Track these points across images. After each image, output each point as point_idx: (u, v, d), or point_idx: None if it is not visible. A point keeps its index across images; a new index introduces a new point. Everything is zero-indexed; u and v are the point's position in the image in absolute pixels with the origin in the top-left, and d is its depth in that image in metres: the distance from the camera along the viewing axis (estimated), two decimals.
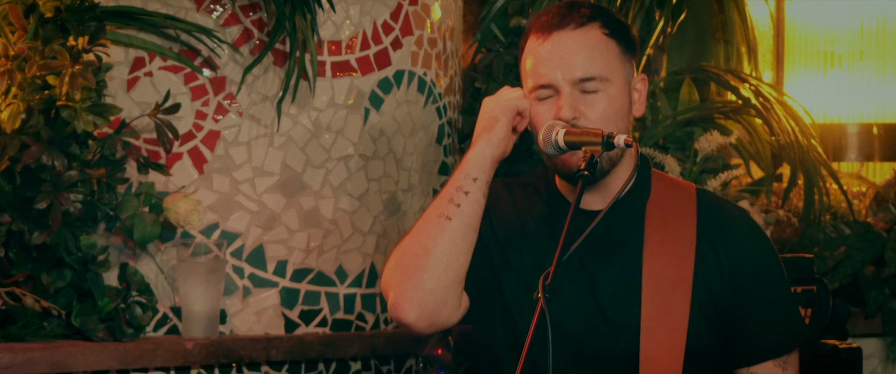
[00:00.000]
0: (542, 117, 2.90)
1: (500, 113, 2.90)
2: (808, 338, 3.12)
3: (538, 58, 2.91)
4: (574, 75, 2.88)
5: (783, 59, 4.94)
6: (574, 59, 2.89)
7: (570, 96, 2.87)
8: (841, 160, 4.86)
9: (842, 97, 4.86)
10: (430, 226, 2.85)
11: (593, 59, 2.90)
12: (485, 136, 2.89)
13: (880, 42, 4.89)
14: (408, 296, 2.82)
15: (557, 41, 2.90)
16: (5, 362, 3.39)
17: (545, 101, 2.90)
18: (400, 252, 2.87)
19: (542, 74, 2.90)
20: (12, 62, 3.45)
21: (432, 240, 2.84)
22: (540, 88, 2.90)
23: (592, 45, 2.90)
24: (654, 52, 4.51)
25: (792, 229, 4.46)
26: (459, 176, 2.87)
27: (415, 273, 2.83)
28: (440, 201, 2.87)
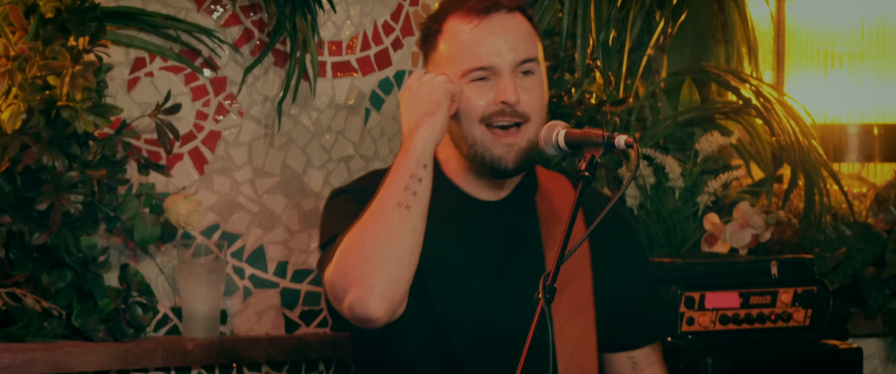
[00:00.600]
0: (475, 102, 2.88)
1: (441, 97, 2.85)
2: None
3: (473, 40, 2.88)
4: (515, 57, 2.89)
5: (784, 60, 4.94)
6: (514, 40, 2.89)
7: (512, 79, 2.87)
8: (841, 161, 4.86)
9: (842, 98, 4.85)
10: (390, 216, 2.77)
11: (530, 42, 2.92)
12: (428, 120, 2.83)
13: (881, 42, 4.89)
14: (376, 290, 2.74)
15: (497, 23, 2.89)
16: (6, 362, 3.39)
17: (478, 83, 2.89)
18: (358, 244, 2.77)
19: (481, 56, 2.87)
20: (13, 63, 3.45)
21: (396, 230, 2.76)
22: (477, 70, 2.88)
23: (526, 30, 2.93)
24: (654, 53, 4.51)
25: (792, 229, 4.46)
26: (410, 163, 2.81)
27: (382, 265, 2.74)
28: (394, 190, 2.79)
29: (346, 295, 2.76)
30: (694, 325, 3.77)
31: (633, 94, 4.36)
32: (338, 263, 2.78)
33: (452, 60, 2.90)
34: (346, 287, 2.76)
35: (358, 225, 2.80)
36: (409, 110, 2.87)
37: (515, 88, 2.87)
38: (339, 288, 2.78)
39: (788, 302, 3.89)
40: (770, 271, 3.89)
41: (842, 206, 4.57)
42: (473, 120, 2.89)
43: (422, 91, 2.86)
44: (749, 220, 4.21)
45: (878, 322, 4.50)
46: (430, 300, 2.91)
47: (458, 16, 2.90)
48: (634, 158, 2.78)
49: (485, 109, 2.89)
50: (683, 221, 4.23)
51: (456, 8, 2.91)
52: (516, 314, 2.92)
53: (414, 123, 2.85)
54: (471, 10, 2.89)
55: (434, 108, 2.84)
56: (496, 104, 2.88)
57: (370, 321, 2.76)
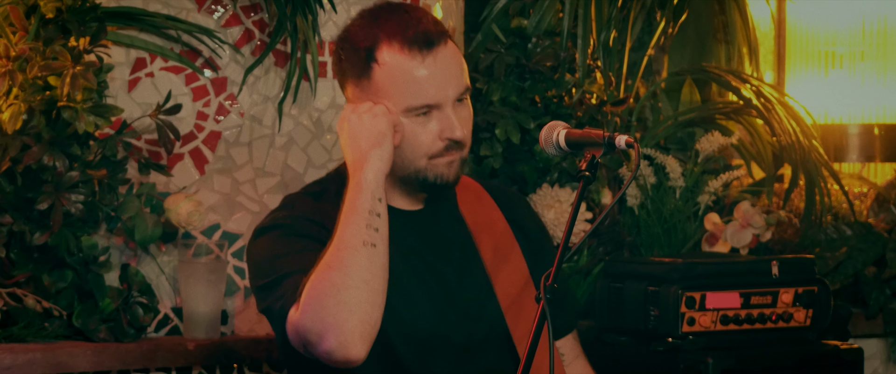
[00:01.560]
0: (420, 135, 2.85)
1: (385, 128, 2.81)
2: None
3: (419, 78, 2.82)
4: (458, 91, 2.86)
5: (784, 60, 4.94)
6: (456, 75, 2.86)
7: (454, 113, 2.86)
8: (842, 161, 4.86)
9: (843, 98, 4.85)
10: (360, 257, 2.72)
11: (463, 70, 2.90)
12: (375, 152, 2.80)
13: (881, 42, 4.89)
14: (356, 333, 2.69)
15: (440, 58, 2.84)
16: (6, 362, 3.39)
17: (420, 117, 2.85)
18: (330, 287, 2.71)
19: (429, 95, 2.83)
20: (13, 63, 3.45)
21: (367, 271, 2.72)
22: (422, 108, 2.84)
23: (458, 56, 2.90)
24: (655, 53, 4.51)
25: (793, 229, 4.46)
26: (366, 199, 2.77)
27: (359, 308, 2.70)
28: (357, 229, 2.74)
29: (323, 341, 2.70)
30: (695, 325, 3.77)
31: (634, 94, 4.36)
32: (309, 307, 2.71)
33: (391, 95, 2.84)
34: (321, 333, 2.70)
35: (323, 267, 2.73)
36: (353, 143, 2.82)
37: (459, 123, 2.86)
38: (313, 334, 2.71)
39: (789, 302, 3.89)
40: (771, 271, 3.88)
41: (842, 206, 4.57)
42: (419, 155, 2.87)
43: (362, 123, 2.82)
44: (750, 220, 4.21)
45: (878, 322, 4.51)
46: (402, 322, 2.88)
47: (397, 48, 2.83)
48: (635, 159, 2.77)
49: (430, 147, 2.87)
50: (684, 221, 4.23)
51: (390, 36, 2.84)
52: (472, 321, 2.92)
53: (360, 156, 2.81)
54: (411, 43, 2.83)
55: (380, 139, 2.81)
56: (442, 140, 2.87)
57: (351, 363, 2.73)
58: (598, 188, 4.22)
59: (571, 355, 3.13)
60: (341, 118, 2.87)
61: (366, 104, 2.85)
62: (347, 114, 2.86)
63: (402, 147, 2.87)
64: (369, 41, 2.86)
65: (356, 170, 2.80)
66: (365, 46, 2.86)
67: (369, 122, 2.82)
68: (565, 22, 4.17)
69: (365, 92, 2.87)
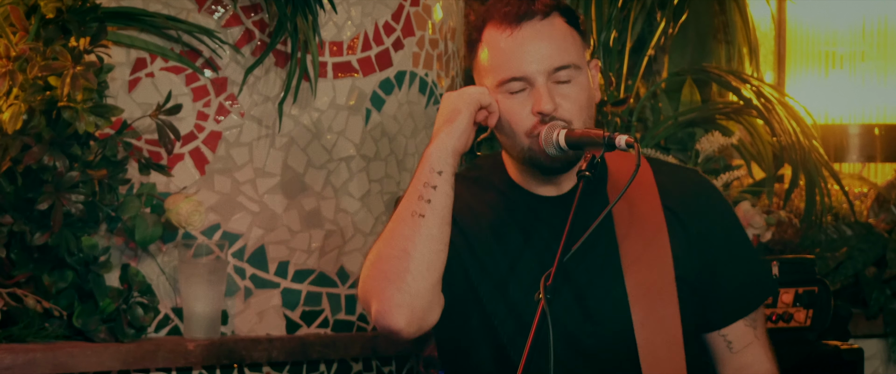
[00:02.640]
0: (516, 111, 2.84)
1: (463, 105, 2.83)
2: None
3: (506, 50, 2.84)
4: (549, 65, 2.84)
5: (784, 60, 4.94)
6: (547, 48, 2.85)
7: (546, 87, 2.83)
8: (842, 161, 4.86)
9: (843, 98, 4.86)
10: (405, 227, 2.77)
11: (564, 48, 2.86)
12: (446, 128, 2.82)
13: (882, 43, 4.89)
14: (394, 301, 2.74)
15: (528, 32, 2.84)
16: (7, 363, 3.39)
17: (517, 94, 2.84)
18: (376, 258, 2.78)
19: (513, 67, 2.83)
20: (14, 63, 3.45)
21: (409, 240, 2.76)
22: (511, 81, 2.84)
23: (562, 35, 2.87)
24: (655, 53, 4.51)
25: (793, 229, 4.46)
26: (424, 171, 2.80)
27: (398, 277, 2.74)
28: (409, 200, 2.79)
29: (370, 309, 2.78)
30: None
31: (635, 94, 4.36)
32: (363, 275, 2.80)
33: (489, 71, 2.87)
34: (368, 301, 2.78)
35: (380, 237, 2.81)
36: (438, 117, 2.87)
37: (550, 96, 2.83)
38: (364, 302, 2.80)
39: (789, 302, 3.89)
40: (771, 271, 3.88)
41: (843, 206, 4.57)
42: (519, 134, 2.86)
43: (449, 100, 2.86)
44: (750, 220, 4.21)
45: (879, 323, 4.51)
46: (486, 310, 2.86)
47: (494, 24, 2.86)
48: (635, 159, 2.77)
49: (526, 123, 2.85)
50: None
51: (492, 15, 2.88)
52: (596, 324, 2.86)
53: (435, 130, 2.84)
54: (504, 17, 2.86)
55: (453, 115, 2.83)
56: (534, 115, 2.84)
57: (394, 333, 2.76)
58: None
59: (740, 342, 2.97)
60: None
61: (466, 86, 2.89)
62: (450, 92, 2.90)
63: (504, 127, 2.87)
64: (478, 24, 2.91)
65: (430, 143, 2.84)
66: (475, 30, 2.91)
67: (454, 98, 2.86)
68: None
69: (477, 73, 2.91)
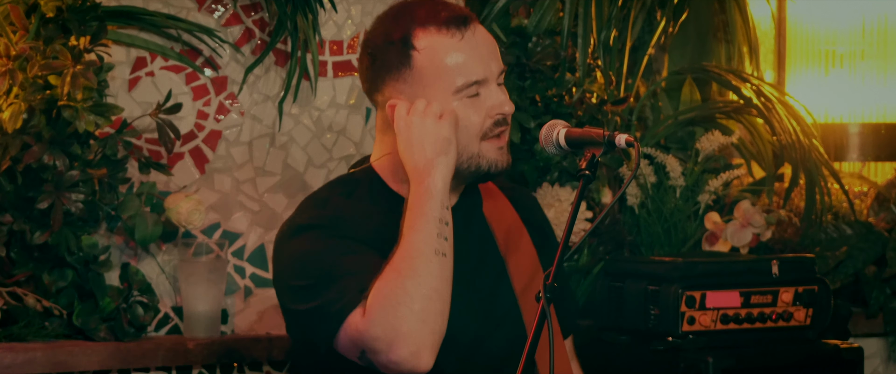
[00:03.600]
0: (471, 117, 2.82)
1: (451, 134, 2.78)
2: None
3: (463, 54, 2.80)
4: (499, 67, 2.85)
5: (785, 59, 4.93)
6: (495, 51, 2.85)
7: (499, 89, 2.83)
8: (842, 160, 4.86)
9: (843, 97, 4.85)
10: (432, 266, 2.70)
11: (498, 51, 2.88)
12: (442, 159, 2.76)
13: (882, 42, 4.88)
14: (428, 343, 2.67)
15: (475, 35, 2.82)
16: (7, 361, 3.39)
17: (470, 101, 2.82)
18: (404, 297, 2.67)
19: (474, 70, 2.80)
20: (14, 62, 3.45)
21: (439, 280, 2.70)
22: (473, 85, 2.81)
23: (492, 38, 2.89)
24: (655, 52, 4.51)
25: (793, 228, 4.46)
26: (435, 207, 2.73)
27: (432, 318, 2.68)
28: (428, 237, 2.71)
29: (393, 350, 2.67)
30: (695, 324, 3.77)
31: (634, 93, 4.36)
32: (379, 315, 2.67)
33: (437, 78, 2.80)
34: (392, 341, 2.66)
35: (394, 274, 2.69)
36: (418, 148, 2.77)
37: (507, 96, 2.84)
38: (383, 342, 2.67)
39: (789, 302, 3.89)
40: (771, 270, 3.88)
41: (843, 205, 4.57)
42: (473, 138, 2.83)
43: (426, 128, 2.78)
44: (750, 219, 4.21)
45: (879, 322, 4.50)
46: None
47: (434, 31, 2.80)
48: (635, 158, 2.77)
49: (482, 125, 2.83)
50: (684, 220, 4.23)
51: (423, 22, 2.81)
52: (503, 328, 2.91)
53: (425, 163, 2.75)
54: (447, 23, 2.80)
55: (445, 146, 2.77)
56: (492, 117, 2.83)
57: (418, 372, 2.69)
58: (599, 187, 4.22)
59: (569, 354, 3.11)
60: (398, 119, 2.81)
61: (421, 103, 2.80)
62: (406, 117, 2.80)
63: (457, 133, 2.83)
64: (401, 31, 2.82)
65: (423, 176, 2.75)
66: (399, 37, 2.82)
67: (434, 127, 2.78)
68: (566, 21, 4.17)
69: (407, 83, 2.83)
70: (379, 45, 2.85)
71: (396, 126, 2.81)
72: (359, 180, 2.92)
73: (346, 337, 2.72)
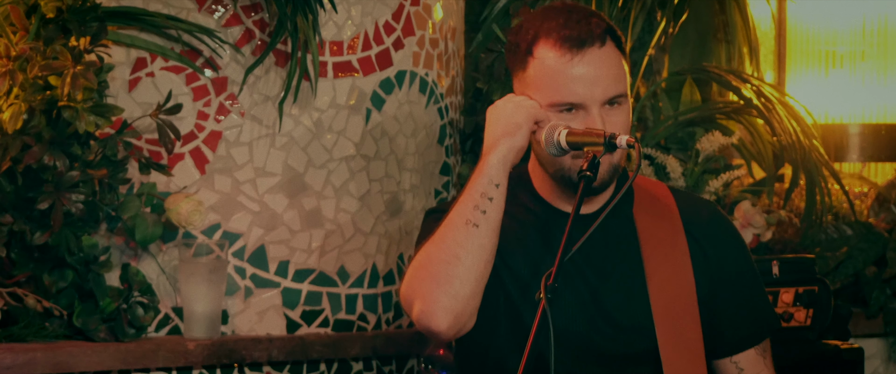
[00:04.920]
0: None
1: (523, 120, 2.85)
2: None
3: (564, 74, 2.87)
4: (604, 96, 2.87)
5: (785, 60, 4.94)
6: (605, 80, 2.88)
7: (599, 114, 2.87)
8: (842, 161, 4.86)
9: (843, 97, 4.86)
10: (458, 233, 2.81)
11: (618, 78, 2.91)
12: (506, 140, 2.85)
13: (882, 42, 4.89)
14: (440, 304, 2.79)
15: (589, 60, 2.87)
16: (7, 362, 3.39)
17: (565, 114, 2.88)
18: (426, 260, 2.83)
19: (570, 93, 2.86)
20: (14, 63, 3.45)
21: (462, 247, 2.80)
22: (566, 104, 2.87)
23: (617, 64, 2.91)
24: (655, 53, 4.51)
25: (793, 229, 4.46)
26: (483, 181, 2.84)
27: (446, 281, 2.79)
28: (465, 208, 2.83)
29: (412, 308, 2.83)
30: None
31: (635, 94, 4.36)
32: (408, 276, 2.84)
33: (540, 88, 2.89)
34: (411, 300, 2.82)
35: (430, 241, 2.85)
36: (491, 128, 2.88)
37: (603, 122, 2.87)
38: (408, 300, 2.84)
39: (790, 302, 3.89)
40: (771, 270, 3.88)
41: (843, 205, 4.57)
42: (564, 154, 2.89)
43: (505, 111, 2.88)
44: (750, 219, 4.21)
45: (879, 322, 4.51)
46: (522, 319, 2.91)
47: (551, 45, 2.88)
48: (636, 158, 2.77)
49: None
50: None
51: (548, 33, 2.89)
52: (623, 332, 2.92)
53: (492, 141, 2.86)
54: (565, 41, 2.87)
55: (514, 129, 2.85)
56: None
57: (434, 334, 2.82)
58: None
59: (751, 370, 3.04)
60: (492, 105, 2.93)
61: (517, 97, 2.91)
62: (498, 101, 2.92)
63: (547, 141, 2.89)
64: (530, 36, 2.92)
65: (485, 154, 2.86)
66: (526, 41, 2.92)
67: (510, 111, 2.88)
68: None
69: (521, 84, 2.93)
70: (511, 43, 2.97)
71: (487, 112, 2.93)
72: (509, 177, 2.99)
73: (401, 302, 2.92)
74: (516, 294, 2.93)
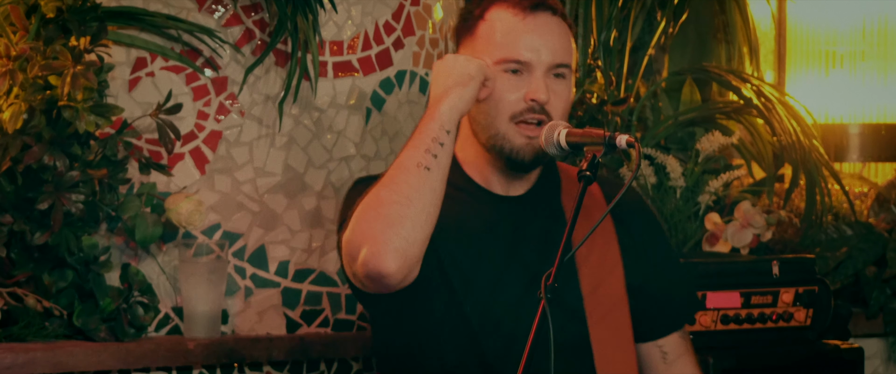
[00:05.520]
0: (507, 92, 2.89)
1: (475, 72, 2.86)
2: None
3: (516, 31, 2.89)
4: (553, 59, 2.91)
5: (785, 60, 4.94)
6: (555, 43, 2.91)
7: (543, 79, 2.89)
8: (842, 161, 4.86)
9: (843, 97, 4.86)
10: (410, 176, 2.78)
11: (567, 48, 2.94)
12: (458, 90, 2.84)
13: (882, 42, 4.89)
14: (390, 245, 2.73)
15: (541, 22, 2.91)
16: (7, 362, 3.39)
17: (511, 75, 2.90)
18: (375, 202, 2.78)
19: (520, 50, 2.89)
20: (14, 62, 3.45)
21: (414, 190, 2.77)
22: (512, 62, 2.89)
23: (567, 37, 2.95)
24: (655, 53, 4.51)
25: (793, 229, 4.46)
26: (433, 127, 2.82)
27: (398, 222, 2.74)
28: (414, 152, 2.80)
29: (360, 252, 2.76)
30: (695, 325, 3.77)
31: (635, 94, 4.36)
32: (355, 222, 2.79)
33: (489, 45, 2.91)
34: (360, 243, 2.76)
35: (376, 185, 2.81)
36: (441, 80, 2.87)
37: (546, 88, 2.89)
38: (354, 246, 2.78)
39: (790, 302, 3.89)
40: (771, 270, 3.89)
41: (843, 205, 4.57)
42: (501, 114, 2.90)
43: (457, 63, 2.88)
44: (750, 219, 4.21)
45: (879, 322, 4.51)
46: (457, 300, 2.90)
47: (504, 6, 2.92)
48: (636, 158, 2.78)
49: (514, 106, 2.91)
50: (685, 220, 4.23)
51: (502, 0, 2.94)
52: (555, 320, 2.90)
53: (442, 92, 2.85)
54: (518, 3, 2.92)
55: (466, 80, 2.85)
56: (525, 101, 2.90)
57: (383, 277, 2.75)
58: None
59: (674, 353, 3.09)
60: (438, 61, 2.93)
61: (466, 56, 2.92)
62: (445, 57, 2.92)
63: (489, 102, 2.91)
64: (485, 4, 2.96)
65: (435, 103, 2.85)
66: (477, 7, 2.96)
67: (462, 63, 2.88)
68: None
69: (466, 47, 2.96)
70: (463, 12, 2.99)
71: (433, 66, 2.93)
72: None
73: (341, 252, 2.84)
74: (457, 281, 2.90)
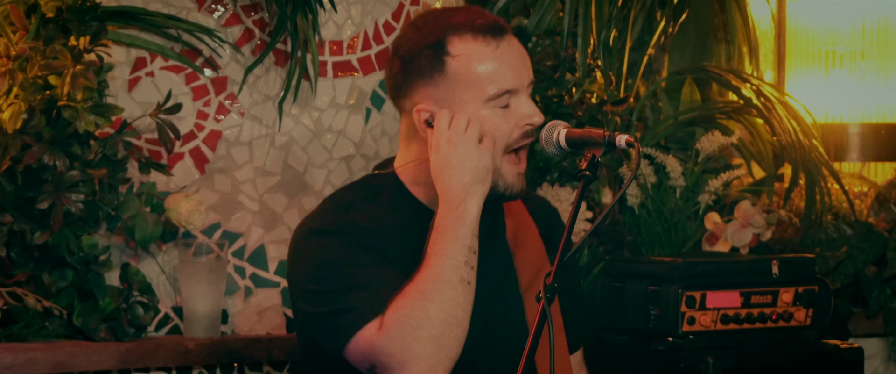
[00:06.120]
0: (501, 127, 2.82)
1: (490, 163, 2.78)
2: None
3: (496, 62, 2.80)
4: (529, 77, 2.86)
5: (785, 59, 4.93)
6: (525, 61, 2.86)
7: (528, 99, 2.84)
8: (842, 160, 4.86)
9: (843, 97, 4.85)
10: (457, 294, 2.70)
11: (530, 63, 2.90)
12: (479, 188, 2.76)
13: (882, 42, 4.88)
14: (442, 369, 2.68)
15: (508, 44, 2.82)
16: (7, 362, 3.39)
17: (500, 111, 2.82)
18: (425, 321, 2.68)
19: (507, 80, 2.80)
20: (14, 62, 3.45)
21: (461, 309, 2.70)
22: (504, 95, 2.81)
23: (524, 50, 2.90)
24: (655, 53, 4.51)
25: (793, 229, 4.46)
26: (466, 234, 2.74)
27: (449, 346, 2.69)
28: (456, 264, 2.72)
29: (404, 368, 2.69)
30: (695, 324, 3.77)
31: (634, 93, 4.36)
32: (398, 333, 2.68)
33: (472, 84, 2.79)
34: (405, 361, 2.68)
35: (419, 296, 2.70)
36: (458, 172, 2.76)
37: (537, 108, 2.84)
38: (395, 359, 2.69)
39: (789, 302, 3.89)
40: (771, 270, 3.89)
41: (843, 205, 4.57)
42: (498, 150, 2.83)
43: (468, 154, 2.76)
44: (750, 219, 4.21)
45: (879, 322, 4.51)
46: None
47: (470, 38, 2.80)
48: (635, 158, 2.77)
49: (508, 137, 2.83)
50: (684, 220, 4.23)
51: (458, 29, 2.80)
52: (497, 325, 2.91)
53: (462, 188, 2.75)
54: (485, 30, 2.80)
55: (485, 175, 2.77)
56: (521, 128, 2.84)
57: None
58: (599, 188, 4.22)
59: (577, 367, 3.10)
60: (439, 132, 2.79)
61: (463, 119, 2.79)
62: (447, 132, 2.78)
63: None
64: (436, 36, 2.81)
65: (457, 201, 2.75)
66: (432, 42, 2.81)
67: (476, 153, 2.77)
68: (565, 21, 4.17)
69: (439, 88, 2.81)
70: (411, 49, 2.83)
71: (435, 138, 2.80)
72: (382, 187, 2.92)
73: (358, 349, 2.73)
74: None
